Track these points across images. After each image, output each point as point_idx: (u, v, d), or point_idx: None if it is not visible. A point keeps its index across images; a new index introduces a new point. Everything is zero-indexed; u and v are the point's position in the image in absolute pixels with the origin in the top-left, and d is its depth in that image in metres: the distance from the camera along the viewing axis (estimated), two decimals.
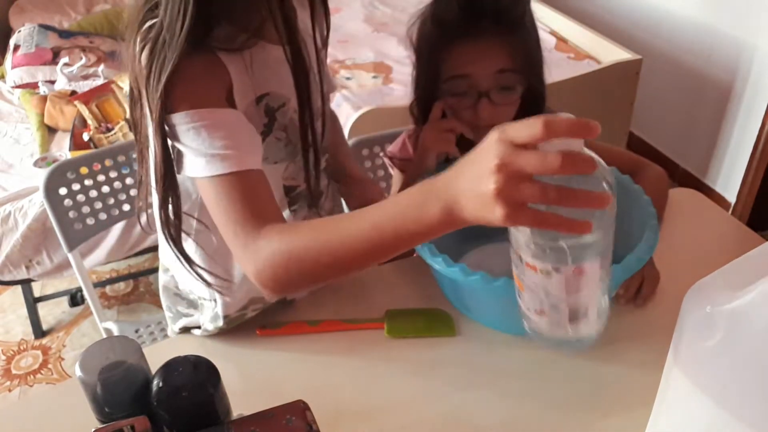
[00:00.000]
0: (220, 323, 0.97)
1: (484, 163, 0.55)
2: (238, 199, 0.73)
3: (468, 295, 0.93)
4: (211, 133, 0.73)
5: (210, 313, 0.98)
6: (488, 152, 0.55)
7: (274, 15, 0.75)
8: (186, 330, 1.03)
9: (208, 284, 0.92)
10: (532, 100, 1.04)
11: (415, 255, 0.99)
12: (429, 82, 1.03)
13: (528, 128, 0.53)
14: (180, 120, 0.74)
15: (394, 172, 1.18)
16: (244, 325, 0.98)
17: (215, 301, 0.96)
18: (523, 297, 0.70)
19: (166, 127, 0.75)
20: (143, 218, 0.90)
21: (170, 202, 0.80)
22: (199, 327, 1.00)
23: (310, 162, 0.91)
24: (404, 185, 1.09)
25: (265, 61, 0.83)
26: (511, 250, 0.65)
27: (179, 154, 0.76)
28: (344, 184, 1.13)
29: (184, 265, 0.87)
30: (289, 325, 0.97)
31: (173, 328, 1.07)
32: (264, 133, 0.86)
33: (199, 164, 0.74)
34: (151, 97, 0.74)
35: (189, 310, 1.02)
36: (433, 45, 1.01)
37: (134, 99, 0.82)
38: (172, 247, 0.84)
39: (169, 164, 0.78)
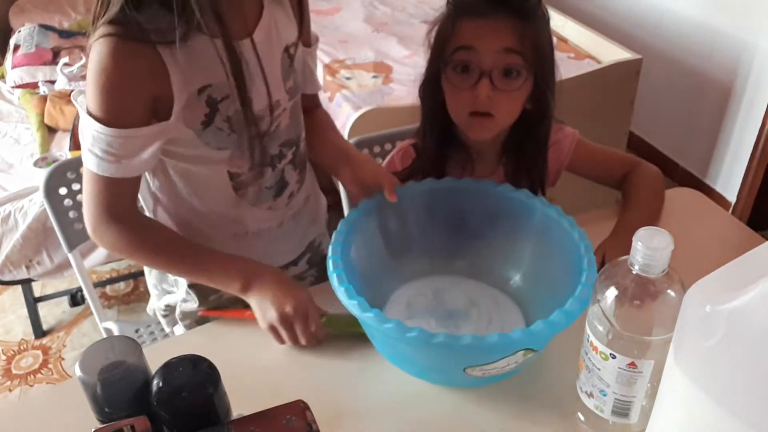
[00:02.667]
0: (185, 286, 1.06)
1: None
2: (104, 196, 0.90)
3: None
4: (107, 140, 0.86)
5: (183, 286, 1.07)
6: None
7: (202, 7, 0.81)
8: (169, 308, 1.13)
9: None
10: (537, 108, 1.04)
11: None
12: (436, 61, 1.03)
13: None
14: (92, 121, 0.85)
15: None
16: (245, 325, 0.98)
17: None
18: (580, 376, 0.78)
19: (85, 114, 0.86)
20: None
21: None
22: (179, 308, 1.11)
23: (255, 152, 0.96)
24: None
25: (206, 53, 0.86)
26: (587, 327, 0.74)
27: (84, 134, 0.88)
28: (343, 166, 1.07)
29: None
30: (233, 310, 1.02)
31: (158, 305, 1.15)
32: (205, 123, 0.91)
33: (87, 156, 0.88)
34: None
35: (172, 288, 1.11)
36: (443, 23, 1.01)
37: None
38: None
39: None
